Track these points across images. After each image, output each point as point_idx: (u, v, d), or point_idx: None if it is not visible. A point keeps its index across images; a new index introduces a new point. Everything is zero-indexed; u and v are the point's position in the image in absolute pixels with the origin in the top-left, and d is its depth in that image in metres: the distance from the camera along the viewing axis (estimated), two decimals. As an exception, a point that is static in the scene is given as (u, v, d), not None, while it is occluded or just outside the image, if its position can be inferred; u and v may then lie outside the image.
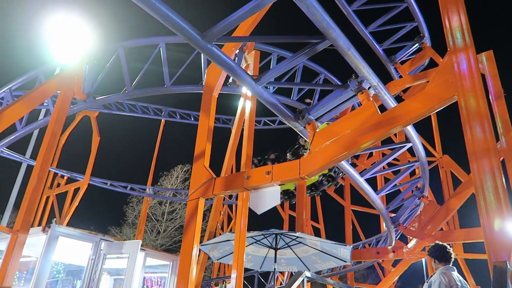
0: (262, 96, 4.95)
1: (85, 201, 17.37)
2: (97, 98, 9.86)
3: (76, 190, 16.26)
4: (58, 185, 17.36)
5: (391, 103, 5.12)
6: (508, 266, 2.71)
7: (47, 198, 16.80)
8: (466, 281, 4.44)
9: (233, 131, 9.13)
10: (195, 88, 9.78)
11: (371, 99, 4.82)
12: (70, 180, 17.49)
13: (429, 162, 10.43)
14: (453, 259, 4.42)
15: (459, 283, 4.09)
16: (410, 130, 5.96)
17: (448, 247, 4.42)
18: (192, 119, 18.93)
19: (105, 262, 8.14)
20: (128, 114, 16.58)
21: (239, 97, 9.11)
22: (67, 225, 12.52)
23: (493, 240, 3.46)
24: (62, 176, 17.53)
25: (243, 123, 8.16)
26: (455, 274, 4.20)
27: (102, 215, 38.89)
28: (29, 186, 7.33)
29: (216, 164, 6.62)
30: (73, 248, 8.56)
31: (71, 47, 10.27)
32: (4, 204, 19.58)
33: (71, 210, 15.81)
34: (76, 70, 9.16)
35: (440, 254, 4.33)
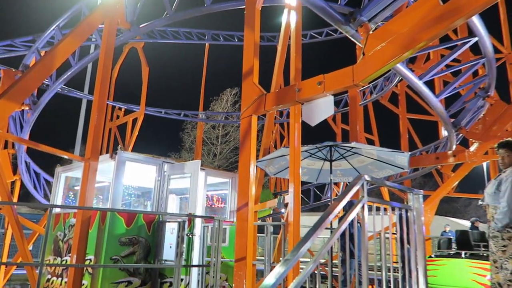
0: (309, 0, 4.61)
1: (144, 131, 18.37)
2: (140, 26, 9.80)
3: (134, 121, 17.12)
4: (118, 117, 18.36)
5: (455, -9, 4.55)
6: None
7: (110, 130, 17.91)
8: None
9: (279, 46, 8.81)
10: (237, 4, 9.35)
11: (432, -11, 4.31)
12: (127, 112, 18.40)
13: (495, 60, 9.56)
14: None
15: None
16: (476, 22, 5.37)
17: None
18: (236, 40, 18.46)
19: (170, 183, 8.72)
20: (172, 41, 16.54)
21: (281, 13, 8.63)
22: (131, 152, 13.40)
23: None
24: (120, 109, 18.44)
25: (289, 36, 7.81)
26: (524, 172, 4.01)
27: (161, 143, 41.22)
28: (92, 118, 7.77)
29: (264, 83, 6.52)
30: (139, 172, 9.21)
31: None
32: (73, 139, 21.24)
33: (133, 139, 16.81)
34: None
35: None
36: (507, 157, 4.11)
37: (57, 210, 8.69)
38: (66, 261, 7.75)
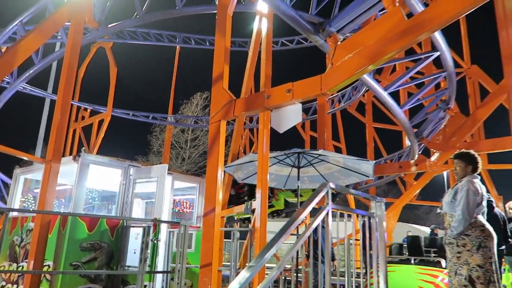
0: (280, 8, 4.67)
1: (111, 133, 17.90)
2: (109, 26, 9.59)
3: (101, 122, 16.66)
4: (83, 118, 17.80)
5: (419, 7, 4.76)
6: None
7: (74, 131, 17.34)
8: (488, 190, 4.43)
9: (250, 52, 8.86)
10: (208, 8, 9.33)
11: (397, 4, 4.48)
12: (93, 113, 17.87)
13: (456, 74, 10.02)
14: (479, 170, 4.38)
15: (482, 191, 4.11)
16: (438, 37, 5.61)
17: (479, 157, 4.35)
18: (208, 44, 18.39)
19: (136, 187, 8.53)
20: (142, 42, 16.27)
21: (254, 19, 8.69)
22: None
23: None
24: (86, 109, 17.88)
25: (260, 43, 7.87)
26: (479, 182, 4.21)
27: (128, 145, 40.25)
28: (55, 118, 7.49)
29: (235, 89, 6.54)
30: (104, 175, 8.95)
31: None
32: (34, 140, 20.40)
33: (98, 141, 16.36)
34: (84, -3, 8.80)
35: (475, 162, 4.28)
36: (459, 168, 4.31)
37: (15, 213, 8.30)
38: (23, 267, 7.40)
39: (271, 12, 7.69)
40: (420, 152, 10.12)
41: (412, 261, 7.49)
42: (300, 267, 6.50)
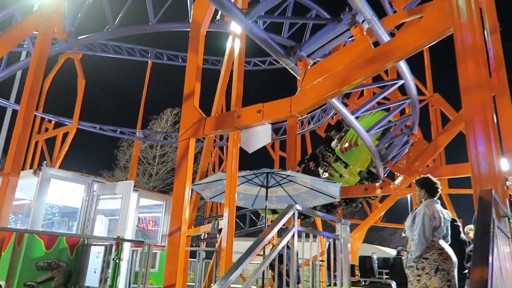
0: (253, 31, 4.76)
1: (76, 146, 17.34)
2: (79, 38, 9.42)
3: (65, 135, 16.11)
4: (46, 130, 17.15)
5: (385, 37, 4.97)
6: (493, 194, 2.78)
7: (36, 143, 16.68)
8: (449, 214, 4.58)
9: (222, 71, 8.93)
10: (182, 26, 9.36)
11: (365, 33, 4.67)
12: (58, 125, 17.25)
13: (419, 101, 10.45)
14: (439, 194, 4.53)
15: (441, 214, 4.24)
16: (403, 66, 5.86)
17: (437, 182, 4.49)
18: (180, 60, 18.38)
19: (99, 203, 8.27)
20: (113, 56, 16.04)
21: (228, 37, 8.80)
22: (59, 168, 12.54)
23: (480, 172, 3.54)
24: (50, 121, 17.25)
25: (233, 62, 7.95)
26: (438, 206, 4.34)
27: (94, 160, 39.13)
28: (16, 130, 7.20)
29: (206, 106, 6.55)
30: (66, 190, 8.64)
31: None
32: (-7, 150, 19.41)
33: (62, 155, 15.79)
34: (54, 7, 8.63)
35: (428, 187, 4.41)
36: (417, 193, 4.47)
37: (-34, 229, 7.82)
38: (-29, 287, 6.94)
39: (244, 33, 7.81)
40: (385, 175, 10.39)
41: (362, 283, 7.30)
42: (265, 288, 6.43)
